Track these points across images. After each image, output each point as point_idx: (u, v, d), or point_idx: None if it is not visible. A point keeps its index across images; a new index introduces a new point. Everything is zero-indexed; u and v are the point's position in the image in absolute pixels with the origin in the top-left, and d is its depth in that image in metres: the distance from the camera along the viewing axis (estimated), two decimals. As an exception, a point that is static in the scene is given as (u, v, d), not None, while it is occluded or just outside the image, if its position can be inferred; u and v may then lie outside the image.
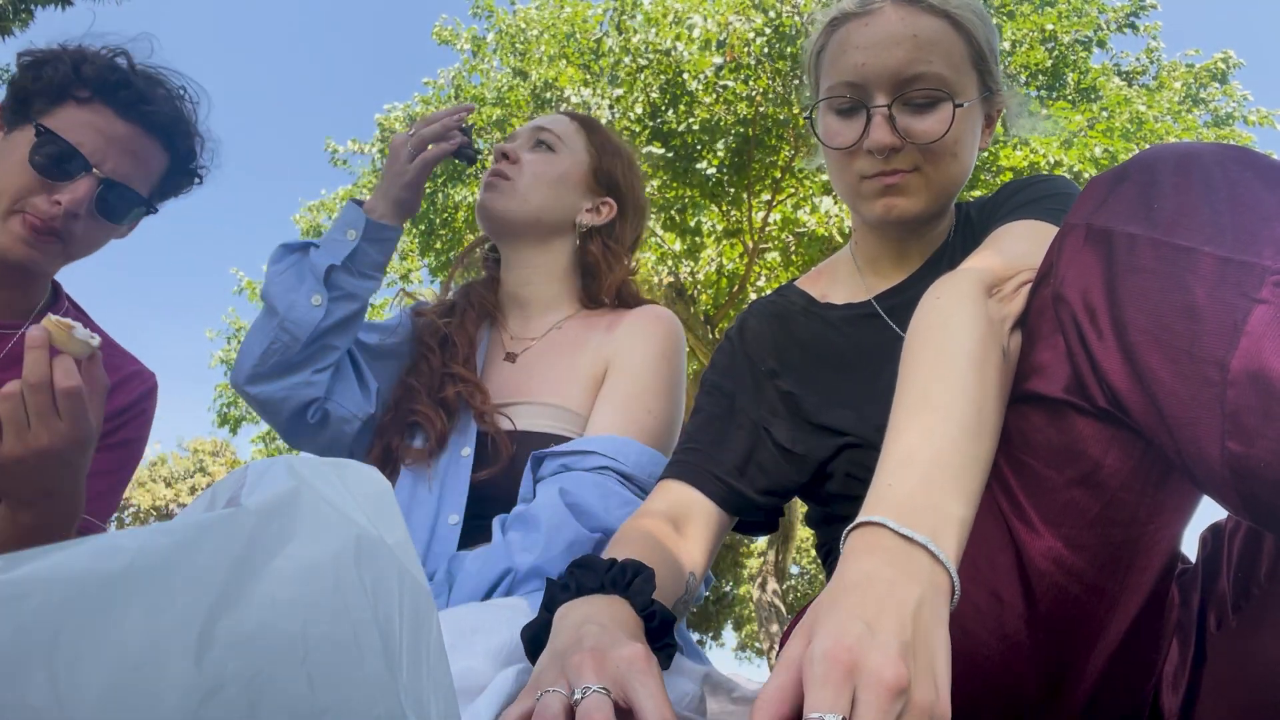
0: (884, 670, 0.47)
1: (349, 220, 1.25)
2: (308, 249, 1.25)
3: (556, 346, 1.30)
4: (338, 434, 1.27)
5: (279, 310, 1.20)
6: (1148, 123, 7.16)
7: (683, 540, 0.90)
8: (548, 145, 1.36)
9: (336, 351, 1.24)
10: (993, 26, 0.97)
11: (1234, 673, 0.70)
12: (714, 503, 0.95)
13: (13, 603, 0.30)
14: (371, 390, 1.30)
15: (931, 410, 0.65)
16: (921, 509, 0.58)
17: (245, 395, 1.23)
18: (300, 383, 1.21)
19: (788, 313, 1.09)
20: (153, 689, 0.32)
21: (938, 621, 0.53)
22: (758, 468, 0.98)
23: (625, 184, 1.39)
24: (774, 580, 8.74)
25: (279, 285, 1.22)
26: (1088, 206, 0.68)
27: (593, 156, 1.37)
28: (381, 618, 0.39)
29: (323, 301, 1.21)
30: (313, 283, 1.21)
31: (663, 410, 1.20)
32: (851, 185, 0.98)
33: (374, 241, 1.25)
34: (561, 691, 0.56)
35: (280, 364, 1.21)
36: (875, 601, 0.52)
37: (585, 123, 1.42)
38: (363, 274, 1.25)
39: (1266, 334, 0.53)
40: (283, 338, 1.20)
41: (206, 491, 0.45)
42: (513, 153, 1.34)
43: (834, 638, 0.49)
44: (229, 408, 10.16)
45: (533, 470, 1.13)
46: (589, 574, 0.71)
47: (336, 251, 1.23)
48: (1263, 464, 0.52)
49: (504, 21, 8.38)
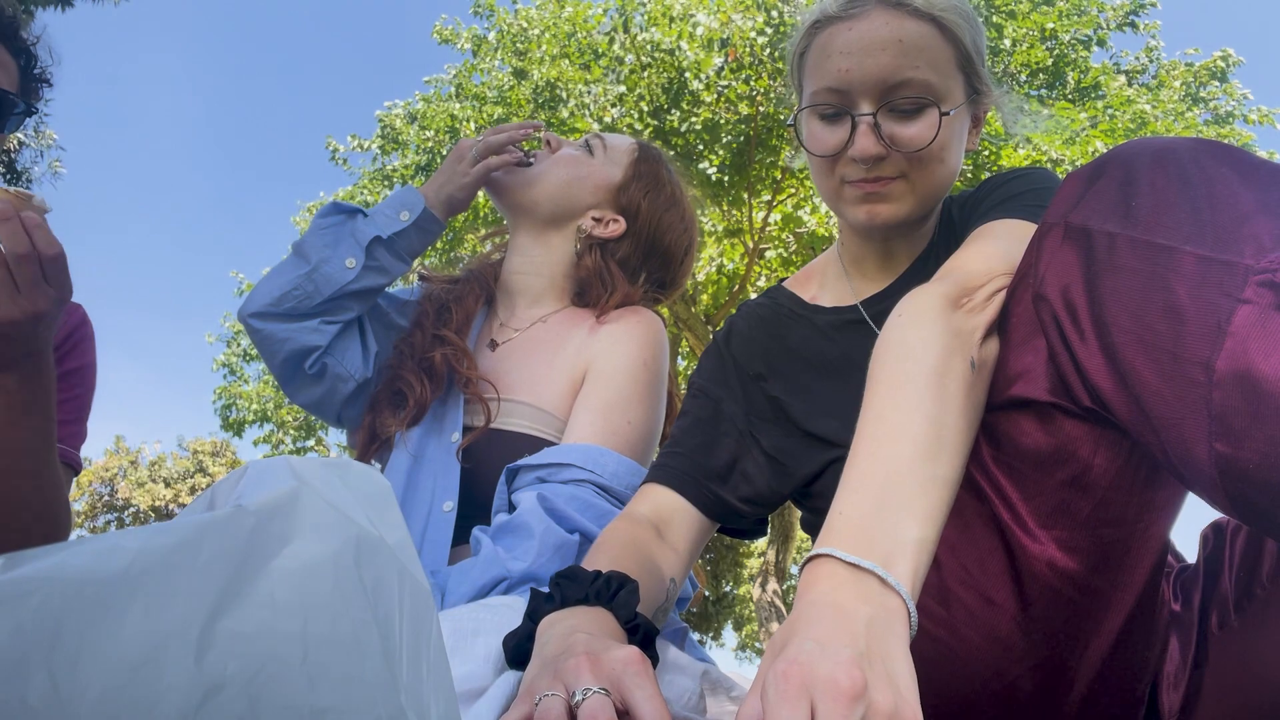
0: (837, 676, 0.47)
1: (405, 202, 1.29)
2: (355, 215, 1.28)
3: (537, 341, 1.29)
4: (331, 390, 1.28)
5: (311, 260, 1.23)
6: (1150, 123, 7.15)
7: (664, 547, 0.89)
8: (590, 147, 1.36)
9: (350, 312, 1.27)
10: (979, 26, 0.95)
11: (1236, 673, 0.70)
12: (697, 508, 0.94)
13: (13, 602, 0.31)
14: (372, 354, 1.31)
15: (886, 433, 0.64)
16: (873, 535, 0.58)
17: (248, 327, 1.25)
18: (307, 328, 1.24)
19: (776, 316, 1.08)
20: (153, 689, 0.32)
21: (893, 635, 0.53)
22: (741, 475, 0.97)
23: (648, 215, 1.36)
24: (774, 580, 8.74)
25: (319, 238, 1.25)
26: (1065, 204, 0.67)
27: (626, 177, 1.36)
28: (381, 618, 0.39)
29: (356, 266, 1.24)
30: (352, 245, 1.24)
31: (643, 420, 1.19)
32: (835, 190, 0.97)
33: (421, 229, 1.29)
34: (560, 695, 0.56)
35: (294, 309, 1.23)
36: (826, 623, 0.52)
37: (646, 151, 1.41)
38: (399, 255, 1.28)
39: (1251, 335, 0.52)
40: (306, 286, 1.23)
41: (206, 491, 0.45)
42: (556, 142, 1.36)
43: (787, 659, 0.49)
44: (229, 410, 10.16)
45: (507, 482, 1.12)
46: (574, 585, 0.71)
47: (385, 226, 1.26)
48: (1252, 465, 0.52)
49: (505, 21, 8.37)
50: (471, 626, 0.80)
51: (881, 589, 0.55)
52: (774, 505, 1.00)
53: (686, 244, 1.42)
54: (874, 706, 0.47)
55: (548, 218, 1.34)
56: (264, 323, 1.23)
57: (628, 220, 1.35)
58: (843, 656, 0.48)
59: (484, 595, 0.98)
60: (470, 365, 1.24)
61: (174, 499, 17.80)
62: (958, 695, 0.73)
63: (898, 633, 0.54)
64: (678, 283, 1.44)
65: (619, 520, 0.91)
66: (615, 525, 0.90)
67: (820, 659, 0.48)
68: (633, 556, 0.82)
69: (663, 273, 1.40)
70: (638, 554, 0.83)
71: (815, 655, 0.49)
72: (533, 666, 0.62)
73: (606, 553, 0.82)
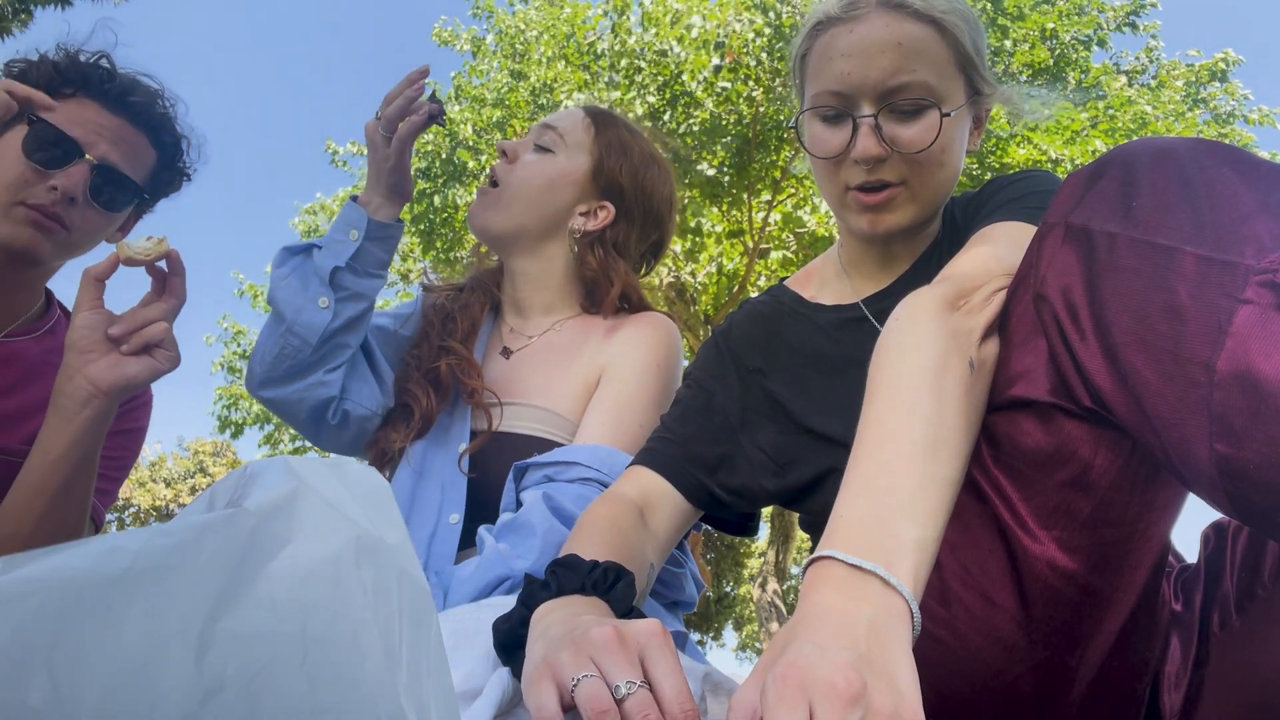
0: (834, 679, 0.47)
1: (350, 220, 1.24)
2: (310, 251, 1.24)
3: (552, 348, 1.28)
4: (359, 431, 1.27)
5: (286, 316, 1.19)
6: (1151, 123, 7.16)
7: (646, 531, 0.90)
8: (547, 147, 1.32)
9: (349, 349, 1.24)
10: (979, 27, 0.96)
11: (1238, 673, 0.70)
12: (681, 494, 0.95)
13: (13, 603, 0.31)
14: (387, 383, 1.29)
15: (885, 435, 0.64)
16: (873, 537, 0.58)
17: (260, 399, 1.22)
18: (314, 383, 1.21)
19: (777, 313, 1.09)
20: (153, 690, 0.32)
21: (893, 637, 0.53)
22: (729, 467, 0.97)
23: (631, 187, 1.32)
24: (774, 580, 8.73)
25: (284, 290, 1.21)
26: (1066, 204, 0.67)
27: (595, 157, 1.31)
28: (381, 618, 0.39)
29: (330, 303, 1.20)
30: (318, 285, 1.20)
31: (653, 422, 1.17)
32: (838, 195, 0.98)
33: (376, 240, 1.24)
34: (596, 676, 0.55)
35: (293, 368, 1.20)
36: (826, 626, 0.52)
37: (599, 118, 1.35)
38: (368, 273, 1.24)
39: (1252, 335, 0.52)
40: (293, 342, 1.19)
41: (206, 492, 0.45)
42: (512, 151, 1.32)
43: (786, 662, 0.49)
44: (229, 411, 10.15)
45: (515, 480, 1.11)
46: (571, 574, 0.71)
47: (340, 252, 1.22)
48: (1252, 465, 0.52)
49: (503, 22, 8.37)
50: (472, 626, 0.80)
51: (884, 589, 0.55)
52: (760, 501, 1.00)
53: (669, 194, 1.39)
54: (872, 709, 0.47)
55: (537, 235, 1.31)
56: (273, 390, 1.21)
57: (614, 201, 1.32)
58: (841, 659, 0.49)
59: (487, 595, 0.97)
60: (476, 375, 1.23)
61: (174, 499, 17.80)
62: (958, 695, 0.73)
63: (900, 634, 0.54)
64: (667, 241, 1.42)
65: (603, 501, 0.91)
66: (600, 506, 0.90)
67: (819, 662, 0.48)
68: (619, 541, 0.82)
69: (658, 233, 1.38)
70: (623, 539, 0.83)
71: (814, 658, 0.49)
72: (537, 649, 0.62)
73: (592, 536, 0.82)
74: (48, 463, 0.99)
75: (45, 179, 1.12)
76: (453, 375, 1.24)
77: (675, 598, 1.17)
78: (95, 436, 1.01)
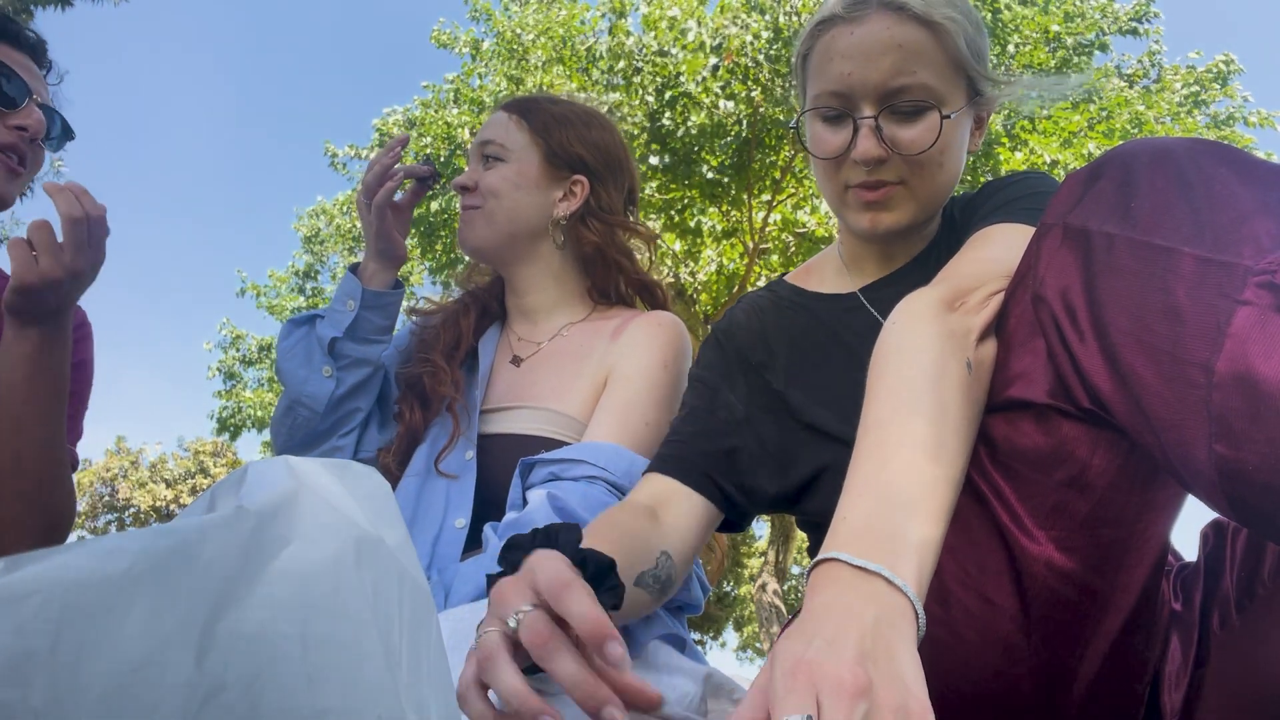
0: (841, 674, 0.47)
1: (348, 290, 1.28)
2: (314, 321, 1.28)
3: (561, 353, 1.29)
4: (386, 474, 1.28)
5: (293, 388, 1.25)
6: (1148, 124, 7.16)
7: (656, 525, 0.89)
8: (496, 157, 1.31)
9: (360, 413, 1.28)
10: (981, 28, 0.96)
11: (1238, 672, 0.70)
12: (694, 490, 0.95)
13: (14, 604, 0.31)
14: None
15: (885, 437, 0.65)
16: (877, 538, 0.58)
17: None
18: (328, 450, 1.26)
19: (776, 306, 1.09)
20: (153, 690, 0.32)
21: (899, 635, 0.53)
22: (737, 463, 0.97)
23: (588, 150, 1.33)
24: (775, 581, 8.73)
25: (290, 362, 1.26)
26: (1064, 205, 0.67)
27: (540, 144, 1.31)
28: (381, 619, 0.40)
29: (333, 371, 1.25)
30: (321, 356, 1.25)
31: (660, 420, 1.19)
32: (838, 194, 0.98)
33: (373, 308, 1.28)
34: (495, 629, 0.57)
35: (308, 436, 1.26)
36: (832, 625, 0.52)
37: (521, 108, 1.36)
38: (367, 340, 1.27)
39: (1251, 336, 0.52)
40: (303, 413, 1.25)
41: (206, 492, 0.45)
42: (469, 179, 1.32)
43: (794, 657, 0.50)
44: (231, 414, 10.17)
45: (521, 477, 1.12)
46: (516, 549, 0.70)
47: (339, 322, 1.26)
48: (1251, 467, 0.52)
49: (501, 25, 8.37)
50: (472, 624, 0.80)
51: (888, 590, 0.56)
52: (764, 500, 1.00)
53: (619, 138, 1.39)
54: (878, 703, 0.48)
55: (527, 237, 1.31)
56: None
57: (581, 171, 1.32)
58: (848, 655, 0.49)
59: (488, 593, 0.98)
60: (447, 382, 1.25)
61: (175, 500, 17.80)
62: (957, 696, 0.73)
63: (904, 632, 0.54)
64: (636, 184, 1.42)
65: (613, 509, 0.91)
66: (607, 511, 0.90)
67: (826, 657, 0.49)
68: (613, 530, 0.82)
69: (627, 177, 1.39)
70: (618, 528, 0.83)
71: (821, 653, 0.49)
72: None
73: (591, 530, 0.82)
74: (9, 384, 1.00)
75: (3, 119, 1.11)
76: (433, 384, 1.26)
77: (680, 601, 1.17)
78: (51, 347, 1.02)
